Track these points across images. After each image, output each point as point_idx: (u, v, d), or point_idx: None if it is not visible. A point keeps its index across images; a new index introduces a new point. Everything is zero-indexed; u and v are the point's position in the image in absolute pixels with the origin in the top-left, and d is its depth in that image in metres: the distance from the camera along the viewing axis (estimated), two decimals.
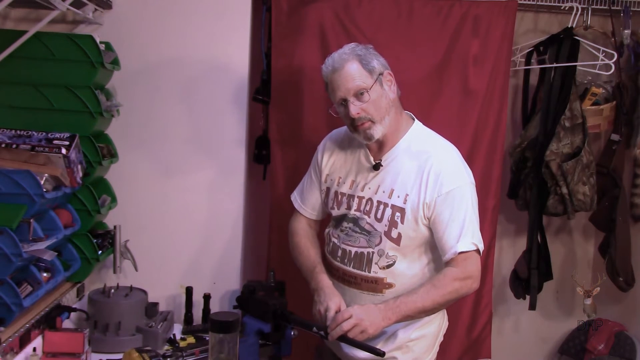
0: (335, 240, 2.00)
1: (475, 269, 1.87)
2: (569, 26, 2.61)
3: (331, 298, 1.88)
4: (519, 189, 2.74)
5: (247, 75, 2.47)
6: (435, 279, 1.87)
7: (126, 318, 2.17)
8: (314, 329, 1.83)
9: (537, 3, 2.69)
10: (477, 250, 1.87)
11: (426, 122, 2.05)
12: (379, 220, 1.91)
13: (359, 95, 1.85)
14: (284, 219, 2.26)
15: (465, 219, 1.85)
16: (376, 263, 1.91)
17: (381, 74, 1.89)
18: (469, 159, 2.56)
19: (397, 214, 1.88)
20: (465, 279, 1.85)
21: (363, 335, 1.79)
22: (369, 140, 1.91)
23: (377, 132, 1.89)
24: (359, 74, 1.85)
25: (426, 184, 1.87)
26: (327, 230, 2.08)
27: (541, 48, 2.69)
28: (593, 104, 2.71)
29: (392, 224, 1.89)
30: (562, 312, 3.08)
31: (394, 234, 1.89)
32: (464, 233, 1.84)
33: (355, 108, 1.86)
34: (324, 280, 1.95)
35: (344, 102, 1.87)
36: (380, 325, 1.81)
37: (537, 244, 2.72)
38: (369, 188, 1.95)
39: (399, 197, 1.89)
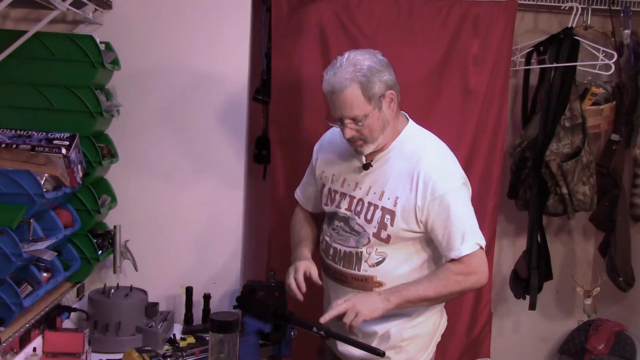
0: (328, 239, 2.02)
1: (480, 264, 1.87)
2: (569, 26, 2.61)
3: (300, 263, 1.93)
4: (519, 189, 2.74)
5: (247, 75, 2.47)
6: (438, 270, 1.89)
7: (126, 318, 2.17)
8: (314, 329, 1.83)
9: (537, 3, 2.69)
10: (481, 247, 1.87)
11: (426, 122, 2.05)
12: (369, 221, 1.92)
13: (355, 120, 1.84)
14: (284, 219, 2.26)
15: (465, 222, 1.86)
16: (366, 261, 1.92)
17: (382, 95, 1.84)
18: (469, 159, 2.57)
19: (387, 216, 1.89)
20: (469, 274, 1.86)
21: (358, 319, 1.78)
22: (359, 154, 1.93)
23: (368, 149, 1.90)
24: (357, 101, 1.81)
25: (416, 187, 1.86)
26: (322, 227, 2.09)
27: (541, 48, 2.69)
28: (593, 104, 2.71)
29: (382, 225, 1.89)
30: (562, 312, 3.08)
31: (383, 235, 1.90)
32: (466, 237, 1.84)
33: (349, 131, 1.86)
34: (302, 254, 1.99)
35: (340, 121, 1.88)
36: (378, 307, 1.80)
37: (537, 244, 2.72)
38: (360, 188, 1.96)
39: (389, 199, 1.89)
